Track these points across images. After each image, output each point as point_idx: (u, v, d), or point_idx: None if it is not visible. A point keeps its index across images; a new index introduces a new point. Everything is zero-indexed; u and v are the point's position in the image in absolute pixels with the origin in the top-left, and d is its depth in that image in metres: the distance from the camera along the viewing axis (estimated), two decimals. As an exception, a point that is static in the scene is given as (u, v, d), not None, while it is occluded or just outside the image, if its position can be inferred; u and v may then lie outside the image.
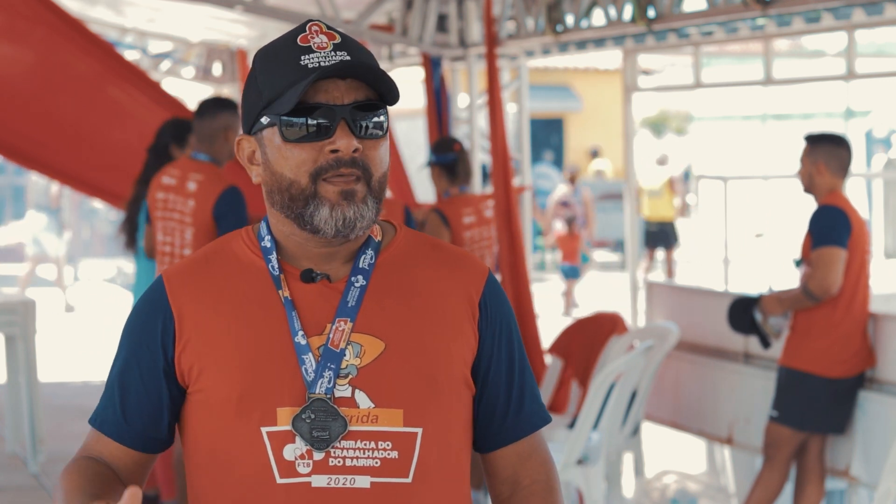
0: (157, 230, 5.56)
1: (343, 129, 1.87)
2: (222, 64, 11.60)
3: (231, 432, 1.90)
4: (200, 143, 5.54)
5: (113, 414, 1.97)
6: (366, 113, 1.89)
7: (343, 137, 1.87)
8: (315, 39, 1.89)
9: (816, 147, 5.55)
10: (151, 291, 1.98)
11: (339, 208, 1.87)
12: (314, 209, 1.88)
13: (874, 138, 18.56)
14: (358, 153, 1.87)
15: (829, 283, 5.39)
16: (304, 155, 1.88)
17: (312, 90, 1.87)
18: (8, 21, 6.82)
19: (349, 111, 1.87)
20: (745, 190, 17.62)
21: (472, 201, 6.39)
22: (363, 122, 1.88)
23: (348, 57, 1.88)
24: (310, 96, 1.87)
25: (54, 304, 14.49)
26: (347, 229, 1.88)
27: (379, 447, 1.88)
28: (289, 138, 1.88)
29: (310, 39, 1.89)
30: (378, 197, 1.90)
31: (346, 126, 1.87)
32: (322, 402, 1.87)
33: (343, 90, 1.88)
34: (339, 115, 1.87)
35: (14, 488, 6.76)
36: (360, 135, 1.88)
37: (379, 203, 1.90)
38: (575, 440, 5.51)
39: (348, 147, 1.86)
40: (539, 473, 2.02)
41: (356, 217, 1.87)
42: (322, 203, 1.87)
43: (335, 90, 1.87)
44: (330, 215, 1.87)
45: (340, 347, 1.89)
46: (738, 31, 7.29)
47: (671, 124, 26.98)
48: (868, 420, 5.66)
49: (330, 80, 1.88)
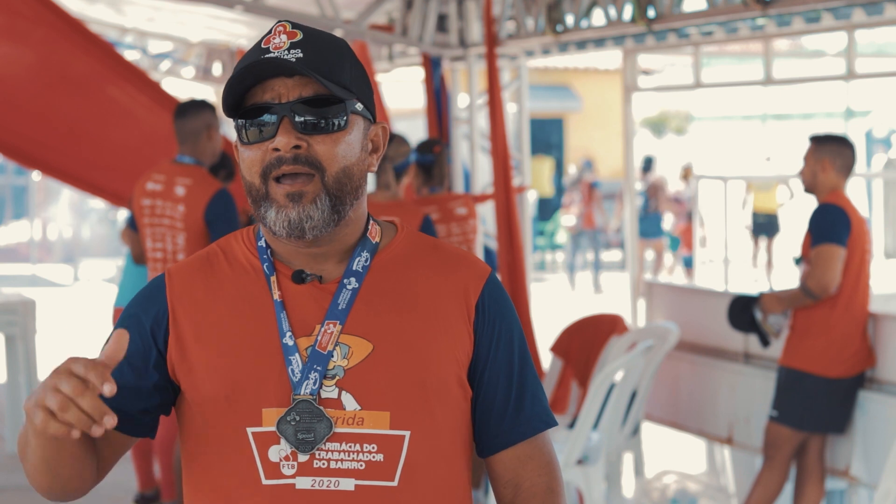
0: (146, 237, 5.51)
1: (284, 126, 1.85)
2: (222, 64, 11.61)
3: (218, 432, 1.90)
4: (183, 144, 5.51)
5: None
6: (315, 108, 1.86)
7: (283, 135, 1.85)
8: (275, 40, 1.88)
9: (822, 146, 5.55)
10: (154, 284, 1.98)
11: (283, 210, 1.86)
12: (265, 210, 1.87)
13: (874, 138, 18.56)
14: (302, 150, 1.85)
15: (828, 281, 5.40)
16: (253, 156, 1.87)
17: (260, 90, 1.87)
18: (8, 21, 6.82)
19: (290, 108, 1.85)
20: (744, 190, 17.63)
21: (437, 200, 6.44)
22: (310, 119, 1.86)
23: (301, 55, 1.85)
24: (258, 96, 1.87)
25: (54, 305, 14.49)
26: (296, 231, 1.86)
27: (364, 450, 1.86)
28: (244, 140, 1.89)
29: (271, 40, 1.88)
30: (336, 194, 1.87)
31: (289, 123, 1.85)
32: (307, 403, 1.86)
33: (289, 87, 1.86)
34: (280, 113, 1.85)
35: (14, 488, 6.77)
36: (306, 131, 1.86)
37: (336, 201, 1.87)
38: (575, 440, 5.51)
39: (286, 144, 1.85)
40: (540, 476, 1.99)
41: (302, 219, 1.85)
42: (270, 205, 1.87)
43: (281, 88, 1.86)
44: (276, 217, 1.86)
45: (328, 350, 1.88)
46: (738, 31, 7.29)
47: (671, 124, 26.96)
48: (868, 420, 5.66)
49: (278, 79, 1.86)
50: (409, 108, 15.71)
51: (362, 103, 1.92)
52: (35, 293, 10.06)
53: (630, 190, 8.43)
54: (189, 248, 5.35)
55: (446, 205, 6.48)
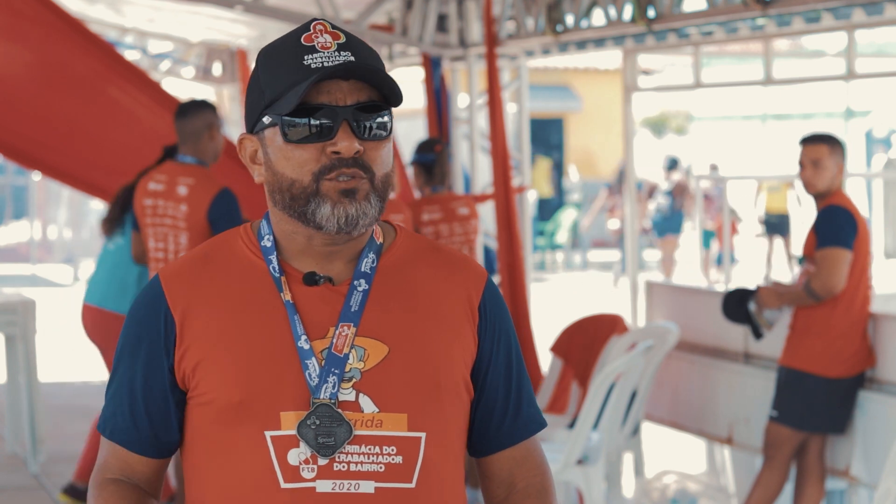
0: (148, 237, 5.51)
1: (345, 131, 1.86)
2: (222, 64, 11.60)
3: (234, 436, 1.89)
4: (184, 144, 5.51)
5: (123, 421, 1.95)
6: (368, 114, 1.87)
7: (345, 139, 1.86)
8: (319, 39, 1.88)
9: (837, 148, 5.53)
10: (148, 292, 1.96)
11: (340, 206, 1.86)
12: (316, 206, 1.86)
13: (874, 138, 18.55)
14: (360, 154, 1.87)
15: (833, 283, 5.39)
16: (306, 155, 1.87)
17: (315, 91, 1.86)
18: (8, 21, 6.81)
19: (351, 112, 1.86)
20: (745, 190, 17.65)
21: (439, 199, 6.47)
22: (366, 124, 1.87)
23: (352, 58, 1.86)
24: (312, 97, 1.86)
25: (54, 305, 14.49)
26: (350, 226, 1.87)
27: (384, 452, 1.87)
28: (291, 139, 1.87)
29: (314, 39, 1.88)
30: (382, 195, 1.89)
31: (349, 127, 1.86)
32: (327, 407, 1.86)
33: (346, 91, 1.87)
34: (341, 117, 1.86)
35: (14, 488, 6.76)
36: (363, 136, 1.87)
37: (383, 202, 1.89)
38: (575, 440, 5.51)
39: (350, 149, 1.85)
40: (534, 477, 2.02)
41: (359, 214, 1.86)
42: (324, 200, 1.86)
43: (338, 91, 1.86)
44: (332, 212, 1.86)
45: (344, 352, 1.88)
46: (738, 31, 7.29)
47: (671, 124, 26.98)
48: (868, 420, 5.65)
49: (332, 81, 1.87)
50: (409, 108, 15.70)
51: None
52: (35, 293, 10.05)
53: (630, 190, 8.43)
54: (191, 247, 5.34)
55: (448, 204, 6.50)
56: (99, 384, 9.34)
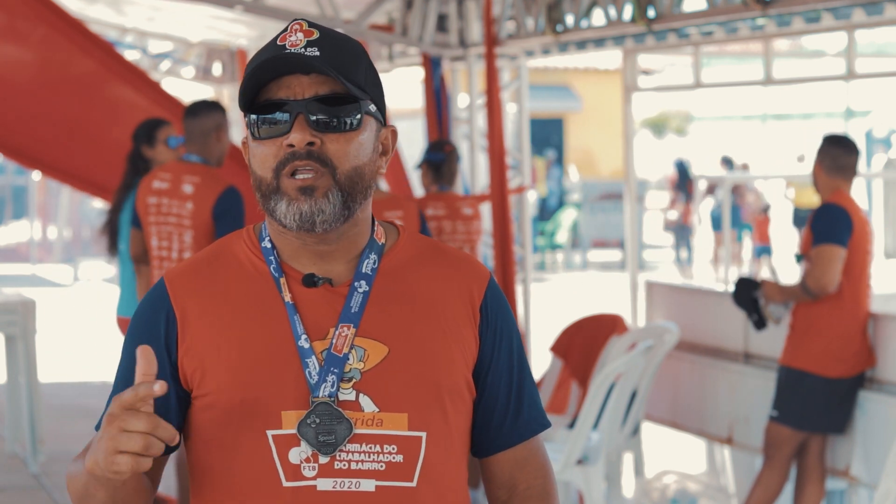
0: (151, 235, 5.50)
1: (299, 124, 1.86)
2: (222, 64, 11.61)
3: (236, 436, 1.89)
4: (192, 143, 5.50)
5: None
6: (330, 107, 1.87)
7: (298, 131, 1.86)
8: (291, 38, 1.89)
9: (819, 147, 5.61)
10: (153, 293, 1.97)
11: (295, 203, 1.86)
12: (275, 203, 1.88)
13: (874, 138, 18.56)
14: (315, 147, 1.86)
15: (827, 280, 5.41)
16: (267, 151, 1.88)
17: (275, 86, 1.87)
18: (8, 21, 6.82)
19: (305, 105, 1.86)
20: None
21: (445, 197, 6.51)
22: (322, 117, 1.87)
23: (318, 53, 1.87)
24: (273, 92, 1.87)
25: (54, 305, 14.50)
26: (307, 223, 1.87)
27: (384, 450, 1.87)
28: (256, 136, 1.89)
29: (287, 38, 1.89)
30: (347, 191, 1.88)
31: (304, 120, 1.86)
32: (326, 405, 1.86)
33: (305, 85, 1.87)
34: (296, 110, 1.86)
35: (14, 488, 6.76)
36: (319, 129, 1.87)
37: (348, 198, 1.88)
38: (575, 440, 5.51)
39: (301, 141, 1.85)
40: (536, 478, 2.02)
41: (314, 212, 1.86)
42: (282, 198, 1.87)
43: (297, 86, 1.87)
44: (287, 210, 1.87)
45: (343, 353, 1.89)
46: (738, 31, 7.29)
47: (671, 124, 27.00)
48: (868, 420, 5.66)
49: (293, 76, 1.87)
50: (408, 108, 15.70)
51: (375, 105, 1.93)
52: (35, 293, 10.05)
53: (630, 190, 8.43)
54: (196, 245, 5.34)
55: (454, 203, 6.53)
56: (99, 384, 9.34)
